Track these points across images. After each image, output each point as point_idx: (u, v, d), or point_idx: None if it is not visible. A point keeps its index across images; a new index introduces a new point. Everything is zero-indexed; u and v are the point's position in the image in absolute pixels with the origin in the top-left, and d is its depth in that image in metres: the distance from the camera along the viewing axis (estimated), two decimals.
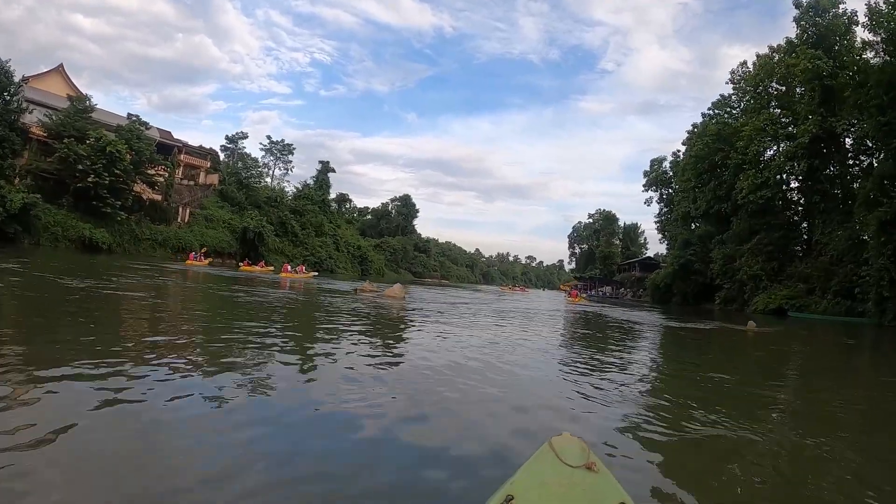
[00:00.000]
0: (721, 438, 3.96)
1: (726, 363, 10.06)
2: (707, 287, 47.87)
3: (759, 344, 14.05)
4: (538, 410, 4.61)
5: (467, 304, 21.02)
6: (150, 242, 47.77)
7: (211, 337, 7.02)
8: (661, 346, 12.88)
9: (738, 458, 3.56)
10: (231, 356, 5.66)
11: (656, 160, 75.77)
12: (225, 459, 2.78)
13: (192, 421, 3.35)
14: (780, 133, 39.88)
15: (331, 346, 7.11)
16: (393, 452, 3.18)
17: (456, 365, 6.25)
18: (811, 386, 8.16)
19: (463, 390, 4.94)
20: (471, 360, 6.73)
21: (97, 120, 47.35)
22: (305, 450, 3.01)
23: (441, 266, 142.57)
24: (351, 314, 11.91)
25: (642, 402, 5.27)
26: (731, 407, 5.14)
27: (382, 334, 9.22)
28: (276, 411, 3.75)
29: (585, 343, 11.35)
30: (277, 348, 6.39)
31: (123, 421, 3.21)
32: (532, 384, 5.88)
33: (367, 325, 10.33)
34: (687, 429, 4.15)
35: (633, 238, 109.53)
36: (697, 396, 5.67)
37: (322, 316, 11.52)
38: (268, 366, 5.26)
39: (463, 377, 5.55)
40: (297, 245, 66.09)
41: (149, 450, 2.83)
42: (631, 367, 7.72)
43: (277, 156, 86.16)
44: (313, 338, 7.97)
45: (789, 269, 38.27)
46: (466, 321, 13.15)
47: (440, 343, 8.25)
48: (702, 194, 50.35)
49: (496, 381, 5.60)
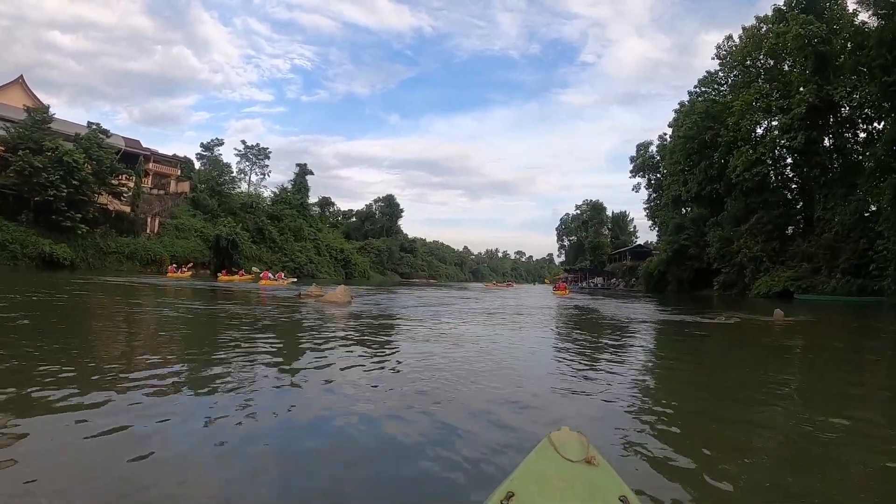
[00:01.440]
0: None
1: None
2: (703, 272, 45.86)
3: (800, 337, 11.23)
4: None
5: (434, 305, 17.71)
6: (116, 256, 45.34)
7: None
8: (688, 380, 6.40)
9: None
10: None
11: (642, 145, 74.06)
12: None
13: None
14: (774, 105, 37.77)
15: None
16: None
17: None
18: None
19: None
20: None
21: (56, 130, 45.23)
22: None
23: (429, 266, 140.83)
24: (263, 326, 9.53)
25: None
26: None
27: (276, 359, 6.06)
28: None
29: (575, 362, 6.84)
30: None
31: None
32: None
33: (264, 342, 7.42)
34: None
35: (622, 227, 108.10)
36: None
37: (227, 329, 8.98)
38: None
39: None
40: (276, 251, 63.60)
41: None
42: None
43: (254, 161, 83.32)
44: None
45: (791, 249, 36.24)
46: (414, 332, 9.45)
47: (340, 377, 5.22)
48: (692, 176, 48.37)
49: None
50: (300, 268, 63.58)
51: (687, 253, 47.28)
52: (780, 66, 42.12)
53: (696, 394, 5.31)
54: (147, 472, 2.62)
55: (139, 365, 5.32)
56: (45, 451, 2.84)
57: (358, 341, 7.81)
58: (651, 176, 71.33)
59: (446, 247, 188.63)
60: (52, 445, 2.93)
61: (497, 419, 3.81)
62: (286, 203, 73.42)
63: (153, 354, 6.09)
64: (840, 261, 31.56)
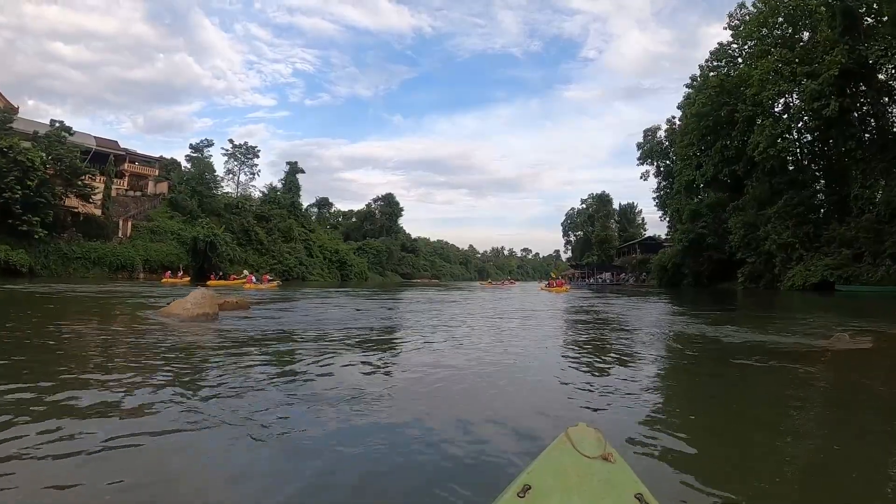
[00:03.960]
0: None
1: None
2: (724, 263, 41.42)
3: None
4: None
5: (382, 316, 12.20)
6: (82, 262, 42.06)
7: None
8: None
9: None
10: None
11: (650, 130, 69.64)
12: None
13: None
14: (799, 72, 33.33)
15: None
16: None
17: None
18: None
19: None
20: None
21: (18, 130, 42.21)
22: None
23: (432, 265, 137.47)
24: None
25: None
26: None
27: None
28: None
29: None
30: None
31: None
32: None
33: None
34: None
35: (630, 219, 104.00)
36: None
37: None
38: None
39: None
40: (263, 253, 59.90)
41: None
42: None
43: (242, 160, 79.56)
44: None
45: (826, 234, 31.76)
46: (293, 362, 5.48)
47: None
48: (708, 158, 44.13)
49: None
50: (289, 270, 59.96)
51: (705, 242, 42.92)
52: (800, 33, 37.95)
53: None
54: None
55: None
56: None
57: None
58: (660, 163, 66.78)
59: (451, 246, 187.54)
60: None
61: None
62: (275, 203, 69.84)
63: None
64: (886, 245, 27.21)
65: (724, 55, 44.88)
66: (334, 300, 18.69)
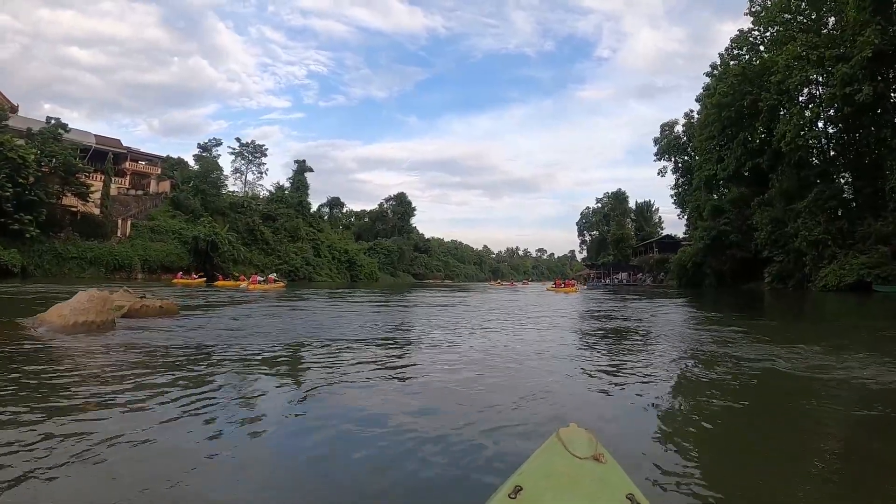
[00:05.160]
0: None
1: None
2: (748, 262, 38.75)
3: None
4: None
5: (346, 331, 10.95)
6: (77, 262, 40.78)
7: None
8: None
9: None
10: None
11: (667, 124, 66.96)
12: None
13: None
14: (828, 55, 30.80)
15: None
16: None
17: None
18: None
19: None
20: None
21: (14, 128, 41.30)
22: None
23: (446, 266, 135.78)
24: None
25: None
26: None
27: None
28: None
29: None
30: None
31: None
32: None
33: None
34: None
35: (646, 218, 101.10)
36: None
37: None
38: None
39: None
40: (269, 253, 58.49)
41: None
42: None
43: (249, 159, 78.37)
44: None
45: (861, 230, 29.18)
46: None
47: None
48: (729, 151, 41.62)
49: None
50: (295, 270, 58.54)
51: (728, 240, 40.36)
52: (825, 18, 35.40)
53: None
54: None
55: None
56: None
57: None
58: (678, 158, 64.21)
59: (465, 246, 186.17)
60: None
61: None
62: (282, 202, 68.49)
63: None
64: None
65: (745, 42, 42.24)
66: (309, 303, 16.77)
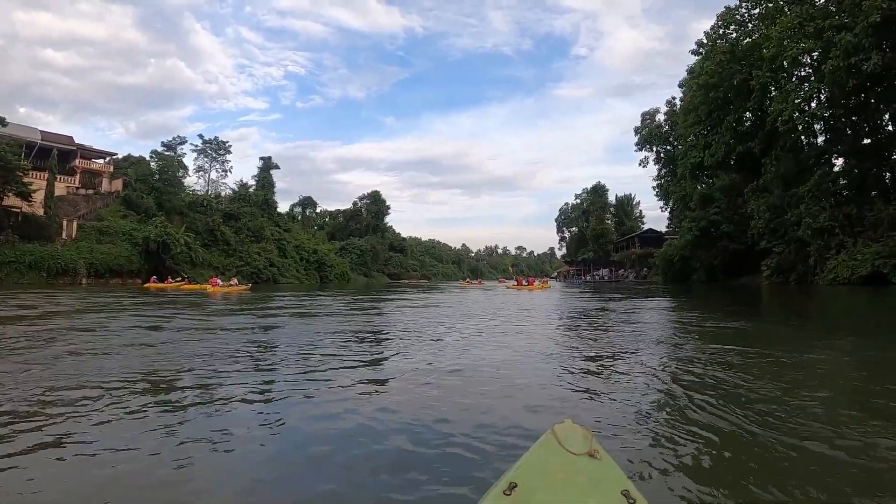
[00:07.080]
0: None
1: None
2: (742, 254, 36.25)
3: None
4: None
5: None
6: (15, 266, 36.61)
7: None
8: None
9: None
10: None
11: (648, 113, 64.74)
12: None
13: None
14: (827, 25, 28.18)
15: None
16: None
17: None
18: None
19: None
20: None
21: None
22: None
23: (422, 265, 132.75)
24: None
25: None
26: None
27: None
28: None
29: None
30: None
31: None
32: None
33: None
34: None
35: (627, 212, 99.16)
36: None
37: None
38: None
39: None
40: (230, 254, 54.58)
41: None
42: None
43: (213, 156, 74.16)
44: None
45: (871, 216, 26.39)
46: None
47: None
48: (717, 136, 39.10)
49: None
50: (257, 272, 54.63)
51: (719, 231, 37.80)
52: None
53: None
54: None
55: None
56: None
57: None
58: (660, 148, 61.78)
59: (443, 245, 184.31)
60: None
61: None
62: (245, 201, 64.55)
63: None
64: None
65: (733, 20, 39.73)
66: (224, 312, 13.47)
